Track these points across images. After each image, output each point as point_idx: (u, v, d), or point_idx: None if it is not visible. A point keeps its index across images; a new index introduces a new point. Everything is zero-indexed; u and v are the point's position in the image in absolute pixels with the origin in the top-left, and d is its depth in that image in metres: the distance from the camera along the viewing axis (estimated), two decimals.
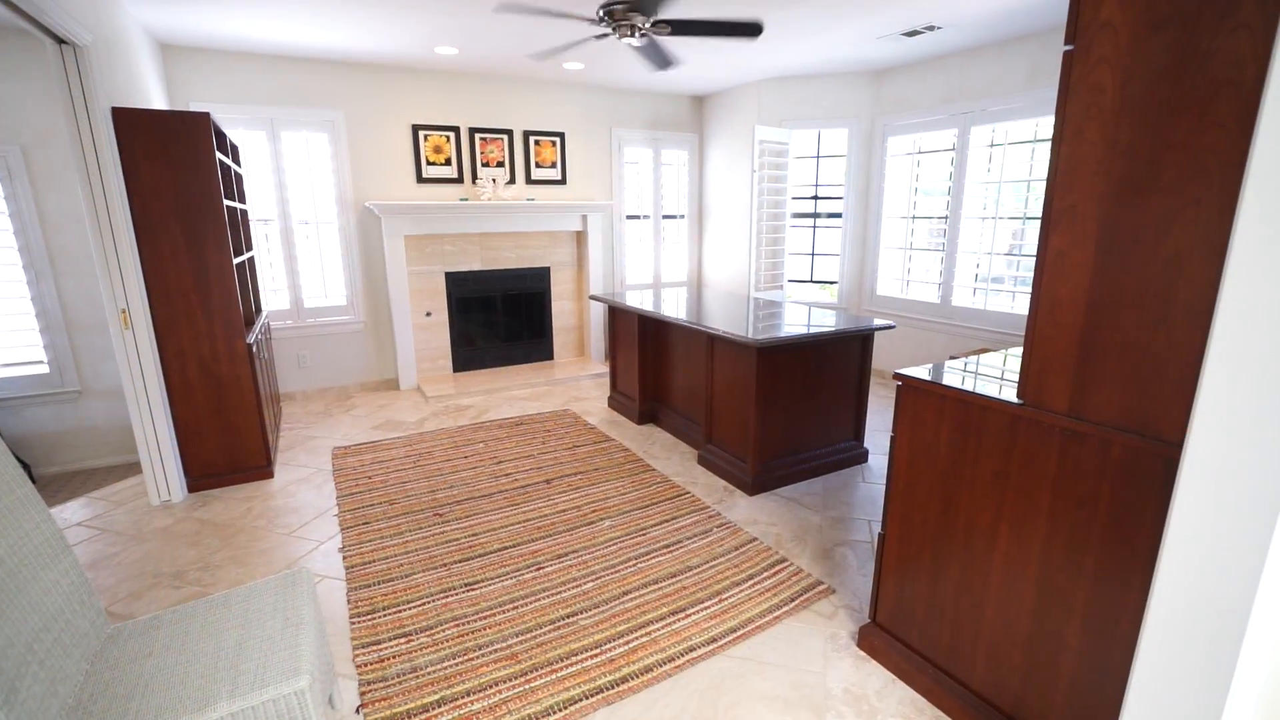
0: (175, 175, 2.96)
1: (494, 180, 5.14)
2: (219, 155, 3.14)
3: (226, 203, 3.18)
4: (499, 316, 5.57)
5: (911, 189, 4.97)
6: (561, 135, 5.48)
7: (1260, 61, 1.03)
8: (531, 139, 5.36)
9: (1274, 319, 0.94)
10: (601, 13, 3.01)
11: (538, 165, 5.44)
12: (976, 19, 3.68)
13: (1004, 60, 4.17)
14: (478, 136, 5.13)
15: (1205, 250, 1.15)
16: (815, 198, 5.52)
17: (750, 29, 3.02)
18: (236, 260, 3.32)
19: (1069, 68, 1.32)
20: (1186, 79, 1.14)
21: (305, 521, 2.95)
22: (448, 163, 5.07)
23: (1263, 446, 0.97)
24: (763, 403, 3.11)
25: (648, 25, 3.06)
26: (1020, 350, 1.65)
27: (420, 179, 5.00)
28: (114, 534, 2.85)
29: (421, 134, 4.93)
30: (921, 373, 1.80)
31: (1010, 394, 1.57)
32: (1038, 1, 3.40)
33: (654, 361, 4.23)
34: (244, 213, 4.00)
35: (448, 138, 5.03)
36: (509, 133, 5.25)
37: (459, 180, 5.14)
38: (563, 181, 5.59)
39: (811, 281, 5.76)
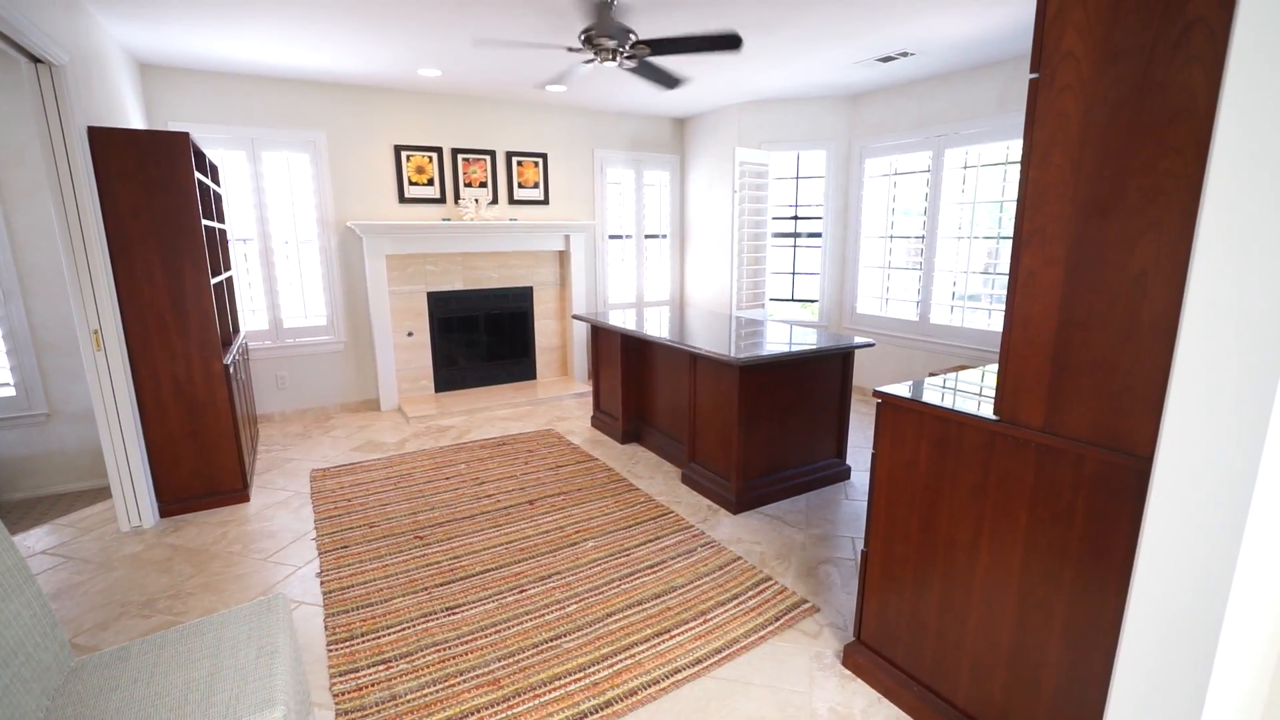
0: (152, 195, 2.93)
1: (476, 200, 5.16)
2: (198, 175, 3.12)
3: (205, 222, 3.15)
4: (481, 336, 5.55)
5: (889, 209, 5.08)
6: (544, 156, 5.53)
7: (1211, 92, 1.08)
8: (514, 159, 5.39)
9: (1234, 333, 0.97)
10: (582, 39, 3.06)
11: (520, 186, 5.47)
12: (948, 46, 3.80)
13: (975, 85, 4.30)
14: (460, 157, 5.15)
15: (1169, 269, 1.19)
16: (795, 218, 5.61)
17: (729, 42, 3.03)
18: (214, 280, 3.28)
19: (1035, 95, 1.37)
20: (1145, 107, 1.19)
21: (282, 546, 2.88)
22: (430, 183, 5.08)
23: (1229, 458, 1.00)
24: (745, 421, 3.12)
25: (627, 47, 3.11)
26: (997, 367, 1.68)
27: (402, 199, 4.99)
28: (81, 562, 2.76)
29: (404, 154, 4.94)
30: (901, 390, 1.83)
31: (988, 410, 1.59)
32: (1005, 30, 3.53)
33: (637, 381, 4.24)
34: (222, 232, 3.96)
35: (430, 158, 5.04)
36: (491, 153, 5.28)
37: (441, 200, 5.15)
38: (545, 202, 5.62)
39: (793, 300, 5.83)
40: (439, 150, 5.06)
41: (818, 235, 5.50)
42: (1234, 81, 0.93)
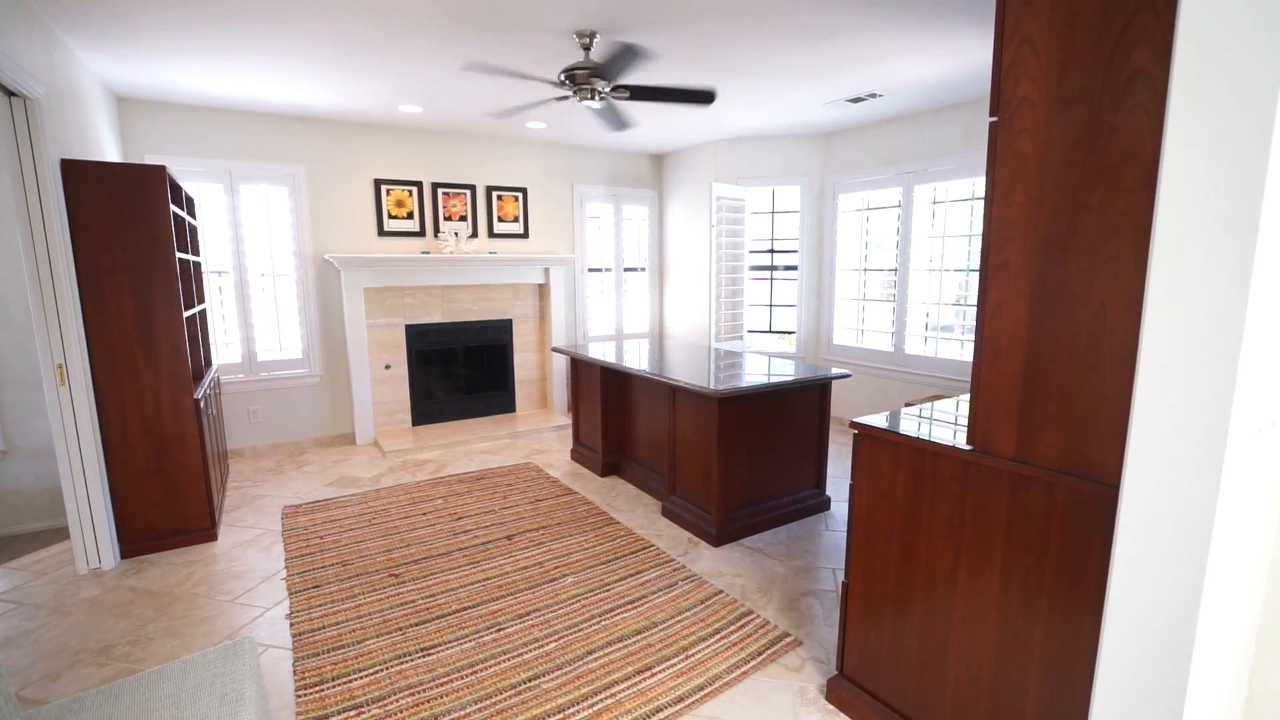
0: (125, 227, 2.89)
1: (456, 233, 5.18)
2: (173, 208, 3.09)
3: (179, 255, 3.11)
4: (460, 369, 5.51)
5: (862, 243, 5.21)
6: (524, 190, 5.59)
7: (1156, 137, 1.14)
8: (494, 194, 5.45)
9: (1189, 364, 1.01)
10: (564, 76, 3.13)
11: (500, 219, 5.51)
12: (914, 88, 3.97)
13: (941, 125, 4.48)
14: (440, 191, 5.19)
15: (1126, 302, 1.23)
16: (772, 251, 5.72)
17: (704, 96, 3.19)
18: (187, 313, 3.23)
19: (995, 137, 1.44)
20: (1098, 149, 1.25)
21: (250, 586, 2.78)
22: (410, 216, 5.09)
23: (1190, 486, 1.03)
24: (725, 453, 3.12)
25: (608, 90, 3.20)
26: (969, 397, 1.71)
27: (381, 232, 5.00)
28: (32, 607, 2.63)
29: (384, 188, 4.96)
30: (877, 420, 1.85)
31: (962, 440, 1.62)
32: (968, 74, 3.70)
33: (617, 413, 4.23)
34: (197, 265, 3.92)
35: (410, 192, 5.07)
36: (471, 187, 5.33)
37: (421, 234, 5.16)
38: (525, 235, 5.67)
39: (770, 332, 5.90)
40: (419, 184, 5.10)
41: (794, 268, 5.61)
42: (1174, 129, 0.99)
